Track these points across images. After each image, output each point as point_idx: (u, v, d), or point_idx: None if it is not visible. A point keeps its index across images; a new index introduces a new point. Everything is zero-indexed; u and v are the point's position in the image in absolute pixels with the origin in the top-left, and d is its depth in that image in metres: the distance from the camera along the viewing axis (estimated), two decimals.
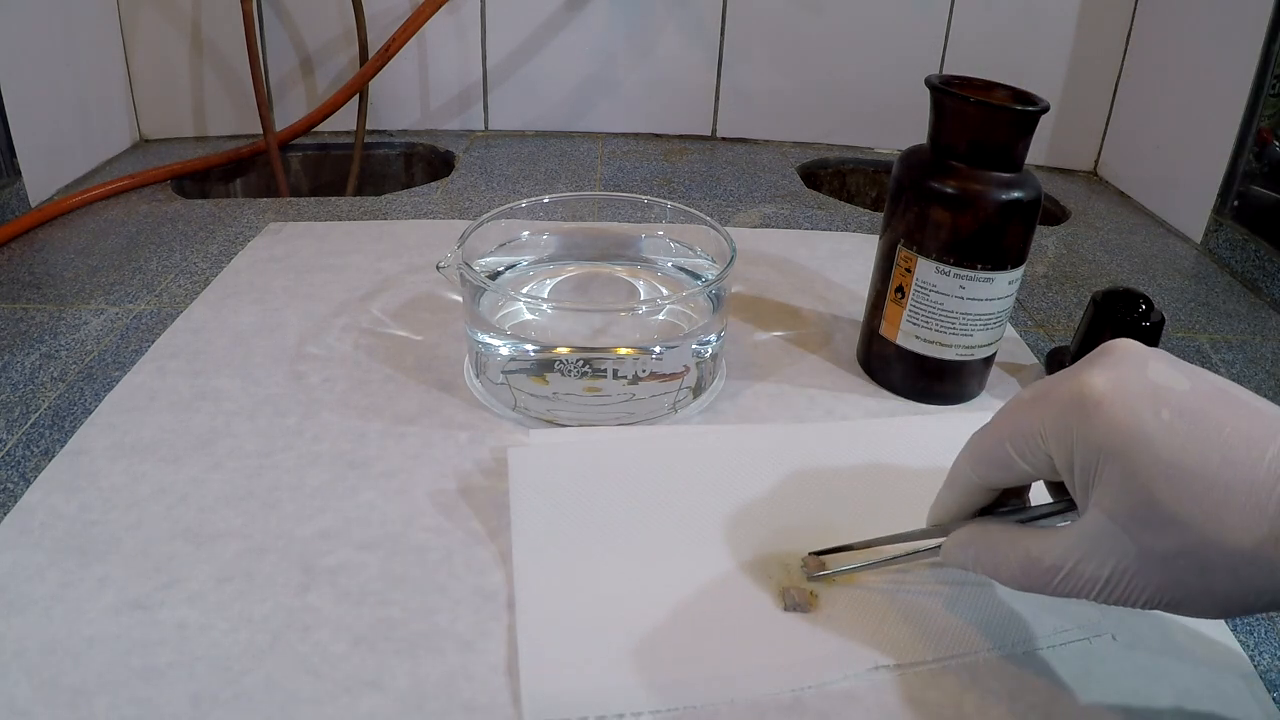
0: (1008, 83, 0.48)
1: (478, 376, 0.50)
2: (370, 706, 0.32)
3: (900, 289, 0.49)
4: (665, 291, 0.55)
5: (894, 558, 0.37)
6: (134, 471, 0.43)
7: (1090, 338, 0.51)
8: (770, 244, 0.71)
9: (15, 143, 0.70)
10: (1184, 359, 0.29)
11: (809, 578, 0.37)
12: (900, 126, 0.97)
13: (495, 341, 0.48)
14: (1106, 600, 0.28)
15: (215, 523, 0.40)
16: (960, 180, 0.46)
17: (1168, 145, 0.85)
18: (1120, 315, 0.49)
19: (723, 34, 0.95)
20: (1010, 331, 0.59)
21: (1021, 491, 0.34)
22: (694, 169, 0.90)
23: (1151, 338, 0.49)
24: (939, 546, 0.35)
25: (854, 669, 0.34)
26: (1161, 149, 0.86)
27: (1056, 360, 0.54)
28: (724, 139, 1.00)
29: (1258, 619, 0.37)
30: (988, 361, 0.51)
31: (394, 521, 0.40)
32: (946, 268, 0.47)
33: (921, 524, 0.37)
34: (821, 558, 0.38)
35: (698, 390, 0.49)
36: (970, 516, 0.34)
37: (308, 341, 0.54)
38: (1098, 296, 0.50)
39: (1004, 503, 0.34)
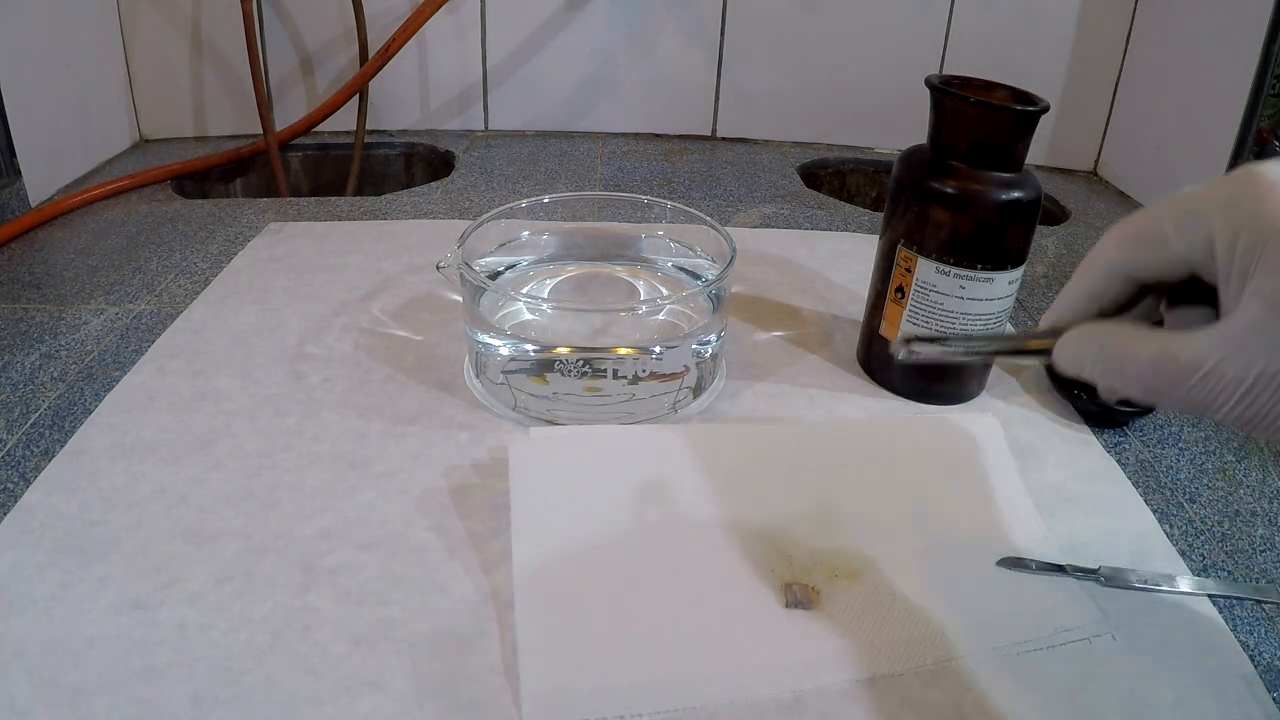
0: (1008, 83, 0.48)
1: (478, 376, 0.50)
2: (370, 706, 0.32)
3: (900, 289, 0.49)
4: (665, 291, 0.55)
5: (997, 351, 0.33)
6: (134, 471, 0.43)
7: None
8: (770, 244, 0.71)
9: (15, 143, 0.70)
10: None
11: (896, 356, 0.32)
12: (900, 126, 0.96)
13: (495, 341, 0.48)
14: (1241, 416, 0.25)
15: (215, 523, 0.40)
16: (960, 180, 0.46)
17: (1168, 145, 0.85)
18: (1120, 315, 0.49)
19: (723, 34, 0.95)
20: (1010, 331, 0.59)
21: (1156, 302, 0.30)
22: (694, 169, 0.90)
23: None
24: (1048, 350, 0.30)
25: (854, 674, 0.34)
26: (1161, 149, 0.86)
27: None
28: (724, 139, 1.00)
29: (1258, 618, 0.37)
30: (988, 361, 0.51)
31: (394, 521, 0.40)
32: (946, 268, 0.47)
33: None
34: (912, 344, 0.33)
35: (698, 390, 0.49)
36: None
37: (308, 341, 0.54)
38: None
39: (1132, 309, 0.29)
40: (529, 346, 0.47)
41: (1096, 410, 0.50)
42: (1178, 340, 0.26)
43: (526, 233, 0.56)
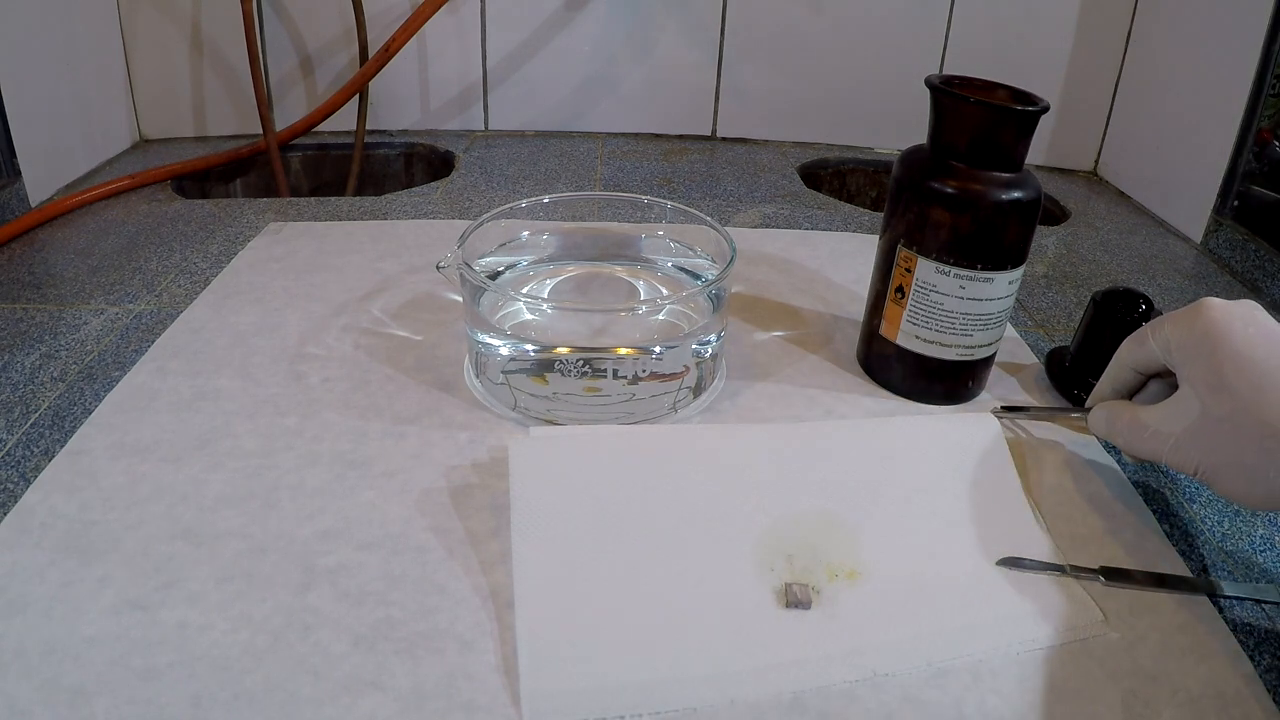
0: (1008, 83, 0.48)
1: (478, 376, 0.50)
2: (370, 706, 0.32)
3: (900, 289, 0.49)
4: (665, 291, 0.55)
5: (1066, 415, 0.49)
6: (134, 471, 0.43)
7: (1090, 338, 0.51)
8: (770, 244, 0.71)
9: (15, 143, 0.70)
10: None
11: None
12: (900, 126, 0.97)
13: (495, 341, 0.48)
14: (1173, 459, 0.38)
15: (215, 523, 0.40)
16: (960, 180, 0.46)
17: (1168, 145, 0.85)
18: (1120, 315, 0.49)
19: (723, 34, 0.95)
20: (1010, 331, 0.59)
21: (1164, 386, 0.42)
22: (694, 169, 0.90)
23: None
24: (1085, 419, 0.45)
25: (854, 674, 0.34)
26: (1161, 149, 0.86)
27: (1056, 360, 0.54)
28: (724, 139, 1.00)
29: (1258, 618, 0.37)
30: (988, 361, 0.51)
31: (394, 521, 0.40)
32: (946, 268, 0.47)
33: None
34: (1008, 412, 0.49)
35: (698, 390, 0.49)
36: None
37: (308, 341, 0.54)
38: (1098, 296, 0.50)
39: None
40: (529, 346, 0.47)
41: None
42: (1146, 411, 0.40)
43: (526, 233, 0.56)
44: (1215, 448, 0.36)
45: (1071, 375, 0.51)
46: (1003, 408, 0.49)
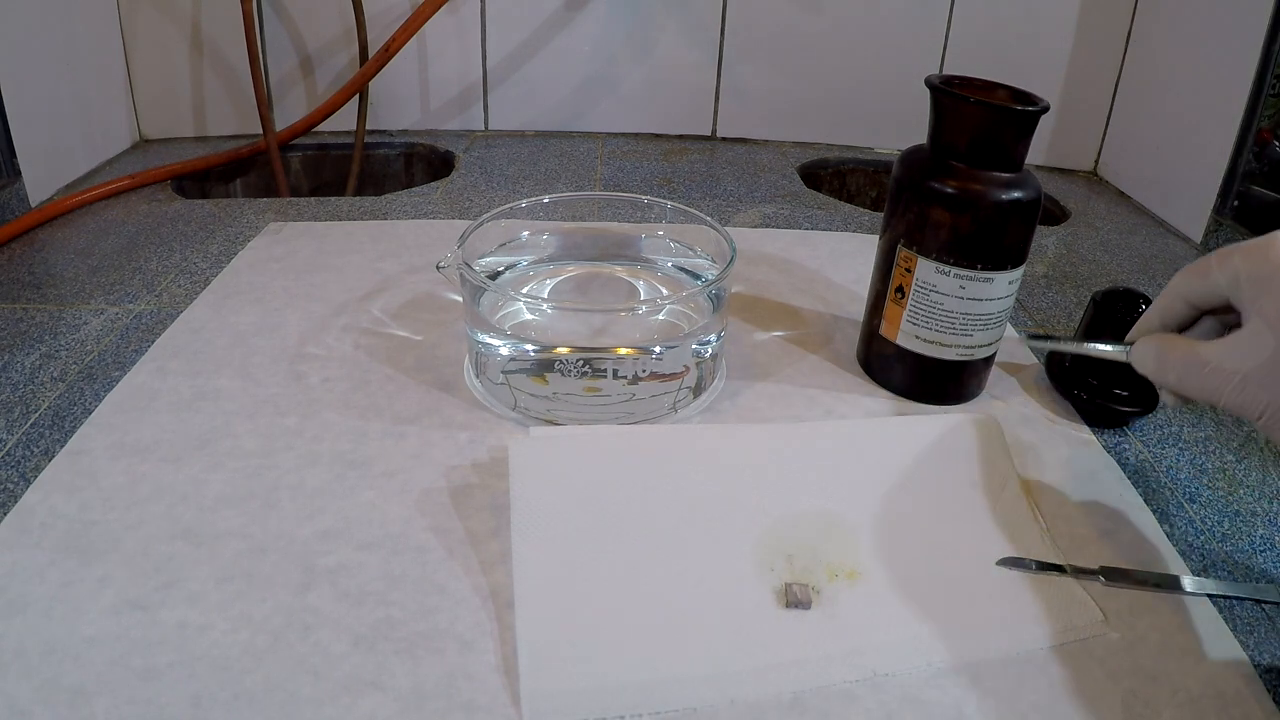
0: (1008, 83, 0.48)
1: (478, 376, 0.50)
2: (370, 706, 0.32)
3: (900, 289, 0.49)
4: (665, 291, 0.55)
5: (1092, 355, 0.44)
6: (134, 471, 0.43)
7: (1090, 338, 0.51)
8: (770, 244, 0.71)
9: (15, 143, 0.70)
10: None
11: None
12: (900, 126, 0.97)
13: (495, 341, 0.48)
14: (1237, 403, 0.34)
15: (215, 523, 0.40)
16: (960, 180, 0.46)
17: (1168, 145, 0.85)
18: (1120, 315, 0.49)
19: (723, 34, 0.95)
20: (1010, 331, 0.59)
21: (1216, 326, 0.38)
22: (694, 169, 0.90)
23: None
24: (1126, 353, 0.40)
25: (854, 674, 0.34)
26: (1161, 149, 0.86)
27: (1057, 360, 0.54)
28: (724, 139, 1.00)
29: (1258, 618, 0.37)
30: (988, 361, 0.51)
31: (394, 521, 0.40)
32: (946, 268, 0.47)
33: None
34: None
35: (698, 390, 0.49)
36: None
37: (308, 341, 0.54)
38: (1098, 296, 0.50)
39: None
40: (529, 346, 0.47)
41: (1096, 410, 0.50)
42: (1202, 345, 0.36)
43: (526, 233, 0.56)
44: None
45: (1071, 375, 0.51)
46: (1030, 336, 0.47)
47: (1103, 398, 0.50)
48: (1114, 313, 0.49)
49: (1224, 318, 0.38)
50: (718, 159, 0.94)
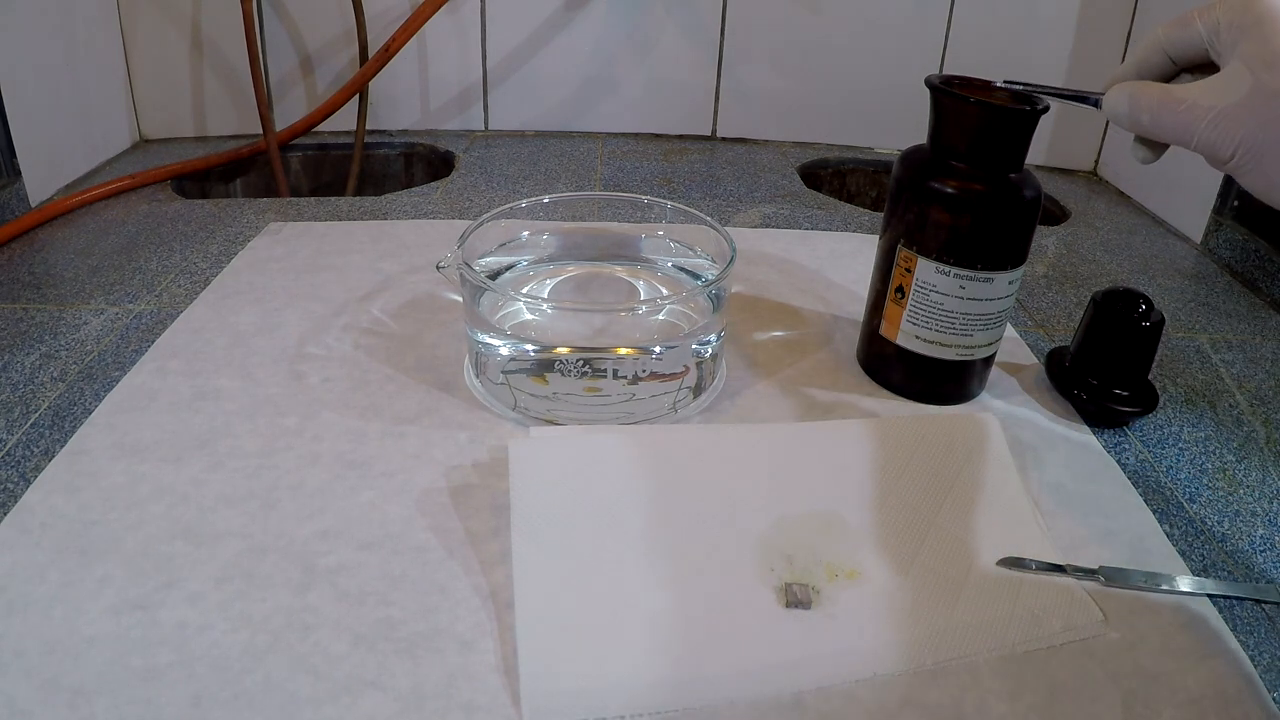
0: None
1: (478, 376, 0.50)
2: (370, 706, 0.32)
3: (900, 289, 0.49)
4: (665, 291, 0.55)
5: (1064, 97, 0.43)
6: (134, 471, 0.43)
7: (1090, 337, 0.51)
8: (770, 244, 0.71)
9: (15, 143, 0.70)
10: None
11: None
12: (900, 126, 0.97)
13: (495, 341, 0.48)
14: (1209, 135, 0.35)
15: (215, 523, 0.40)
16: (960, 180, 0.46)
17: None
18: (1120, 315, 0.49)
19: (723, 34, 0.95)
20: (1010, 331, 0.59)
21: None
22: (694, 169, 0.90)
23: (1151, 338, 0.49)
24: (1100, 95, 0.40)
25: (854, 674, 0.34)
26: None
27: (1057, 360, 0.54)
28: (724, 139, 1.00)
29: (1258, 618, 0.37)
30: (988, 361, 0.51)
31: (394, 521, 0.40)
32: (946, 268, 0.47)
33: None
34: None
35: (698, 390, 0.49)
36: None
37: (308, 341, 0.54)
38: (1098, 297, 0.50)
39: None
40: (529, 346, 0.47)
41: (1096, 410, 0.50)
42: (1178, 86, 0.36)
43: (526, 233, 0.56)
44: (1266, 124, 0.33)
45: (1072, 375, 0.51)
46: (1005, 80, 0.45)
47: (1103, 398, 0.50)
48: (1114, 313, 0.49)
49: (1203, 74, 0.37)
50: (718, 159, 0.94)
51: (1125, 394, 0.50)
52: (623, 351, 0.46)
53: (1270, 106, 0.33)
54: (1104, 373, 0.50)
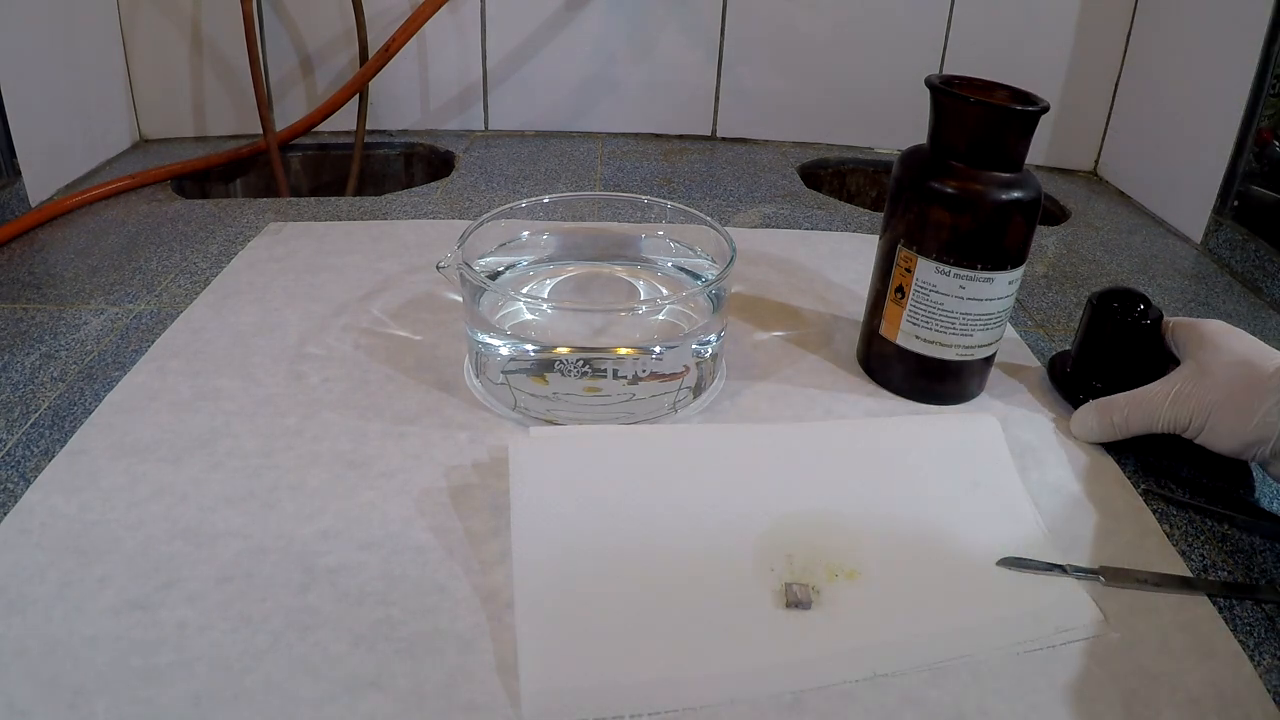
0: (1008, 83, 0.47)
1: (478, 376, 0.50)
2: (370, 706, 0.32)
3: (900, 289, 0.49)
4: (665, 291, 0.55)
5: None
6: (134, 471, 0.43)
7: (1090, 338, 0.51)
8: (770, 244, 0.71)
9: (15, 143, 0.70)
10: None
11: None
12: (900, 126, 0.97)
13: (495, 341, 0.48)
14: (1170, 413, 0.44)
15: (215, 523, 0.40)
16: (960, 180, 0.46)
17: (1168, 145, 0.85)
18: (1119, 315, 0.49)
19: (723, 34, 0.95)
20: (1010, 331, 0.59)
21: None
22: (694, 169, 0.90)
23: (1150, 337, 0.49)
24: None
25: (854, 674, 0.34)
26: (1161, 149, 0.86)
27: (1058, 364, 0.54)
28: (724, 139, 1.00)
29: (1258, 618, 0.37)
30: (988, 361, 0.51)
31: (394, 521, 0.40)
32: (946, 268, 0.47)
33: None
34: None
35: (698, 390, 0.49)
36: None
37: (308, 341, 0.54)
38: (1094, 298, 0.50)
39: None
40: (529, 346, 0.47)
41: None
42: (1137, 390, 0.46)
43: (526, 233, 0.56)
44: (1212, 386, 0.43)
45: (1074, 381, 0.51)
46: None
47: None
48: (1113, 313, 0.49)
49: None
50: (718, 159, 0.94)
51: None
52: (623, 351, 0.46)
53: (1212, 374, 0.44)
54: (1106, 376, 0.50)
